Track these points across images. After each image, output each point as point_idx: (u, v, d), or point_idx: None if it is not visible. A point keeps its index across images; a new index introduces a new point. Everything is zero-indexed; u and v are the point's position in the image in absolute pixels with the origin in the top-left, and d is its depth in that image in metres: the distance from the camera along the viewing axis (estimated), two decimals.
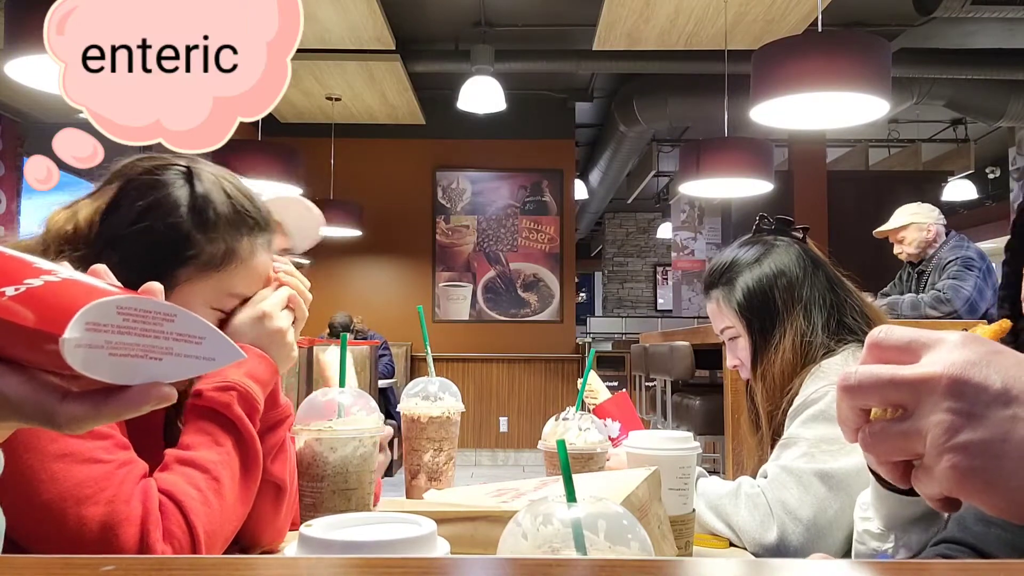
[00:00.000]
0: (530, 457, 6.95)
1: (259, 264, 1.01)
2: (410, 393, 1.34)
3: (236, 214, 0.98)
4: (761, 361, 1.40)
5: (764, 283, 1.41)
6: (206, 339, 0.45)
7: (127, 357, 0.43)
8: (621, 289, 12.82)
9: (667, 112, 6.36)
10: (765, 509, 1.23)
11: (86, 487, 0.80)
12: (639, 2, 4.59)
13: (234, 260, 0.97)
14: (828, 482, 1.23)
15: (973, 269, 3.76)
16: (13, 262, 0.45)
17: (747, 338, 1.42)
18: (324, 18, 4.90)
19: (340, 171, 6.85)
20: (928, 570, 0.52)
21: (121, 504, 0.81)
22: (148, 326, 0.43)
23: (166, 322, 0.44)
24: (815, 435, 1.28)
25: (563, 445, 0.62)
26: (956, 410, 0.46)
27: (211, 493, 0.88)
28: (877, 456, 0.51)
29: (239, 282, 0.99)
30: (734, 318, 1.43)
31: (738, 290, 1.42)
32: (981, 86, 6.16)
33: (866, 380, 0.49)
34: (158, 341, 0.43)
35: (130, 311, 0.42)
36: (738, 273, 1.44)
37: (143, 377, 0.44)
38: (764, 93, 3.09)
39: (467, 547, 0.84)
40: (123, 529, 0.80)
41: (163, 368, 0.44)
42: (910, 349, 0.49)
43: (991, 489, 0.46)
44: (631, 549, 0.55)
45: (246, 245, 0.98)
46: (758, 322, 1.41)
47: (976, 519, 0.81)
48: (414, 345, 7.02)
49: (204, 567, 0.50)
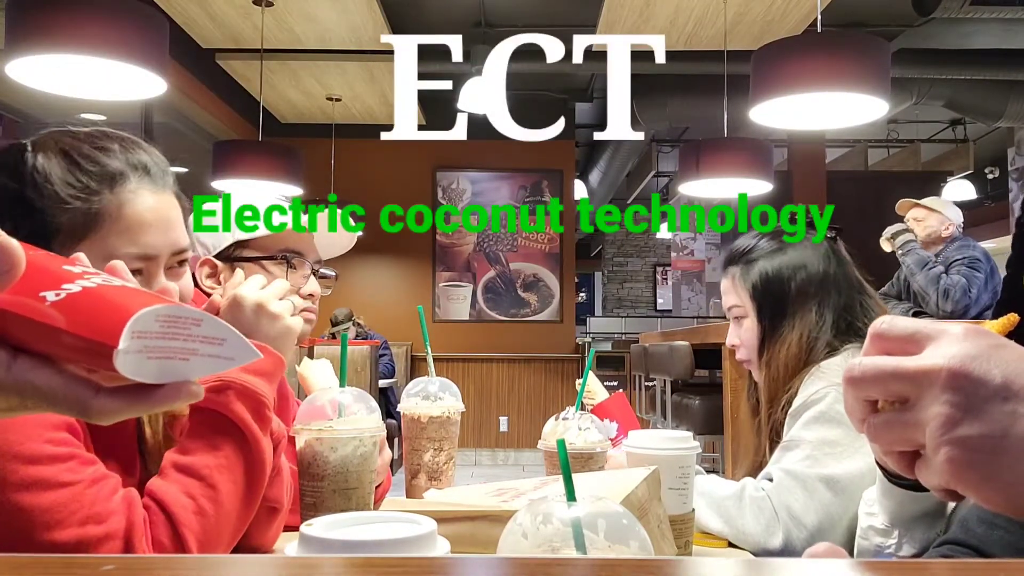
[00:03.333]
0: (530, 457, 6.95)
1: (141, 212, 0.90)
2: (410, 393, 1.35)
3: (82, 176, 0.88)
4: (767, 349, 1.40)
5: (783, 272, 1.41)
6: (227, 340, 0.49)
7: (161, 359, 0.47)
8: (621, 289, 12.82)
9: (667, 112, 6.37)
10: (770, 514, 1.23)
11: (55, 512, 0.78)
12: (639, 2, 4.60)
13: (102, 221, 0.87)
14: (833, 487, 1.23)
15: (980, 271, 3.76)
16: (47, 263, 0.48)
17: (755, 322, 1.42)
18: (324, 18, 4.90)
19: (340, 171, 6.86)
20: (928, 569, 0.52)
21: (94, 525, 0.79)
22: (179, 330, 0.47)
23: (194, 326, 0.48)
24: (817, 437, 1.28)
25: (563, 445, 0.62)
26: (955, 403, 0.46)
27: (206, 501, 0.86)
28: (881, 446, 0.51)
29: (127, 240, 0.89)
30: (746, 298, 1.43)
31: (755, 272, 1.42)
32: (980, 86, 6.16)
33: (869, 372, 0.50)
34: (187, 343, 0.48)
35: (166, 318, 0.46)
36: (760, 256, 1.43)
37: (173, 376, 0.48)
38: (763, 93, 3.09)
39: (467, 547, 0.84)
40: (103, 546, 0.78)
41: (190, 367, 0.48)
42: (913, 340, 0.49)
43: (987, 483, 0.46)
44: (631, 548, 0.55)
45: (110, 201, 0.88)
46: (768, 309, 1.41)
47: (979, 521, 0.81)
48: (414, 345, 7.02)
49: (204, 567, 0.50)
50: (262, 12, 4.75)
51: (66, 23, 2.55)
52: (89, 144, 0.91)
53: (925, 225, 4.01)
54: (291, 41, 5.24)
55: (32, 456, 0.79)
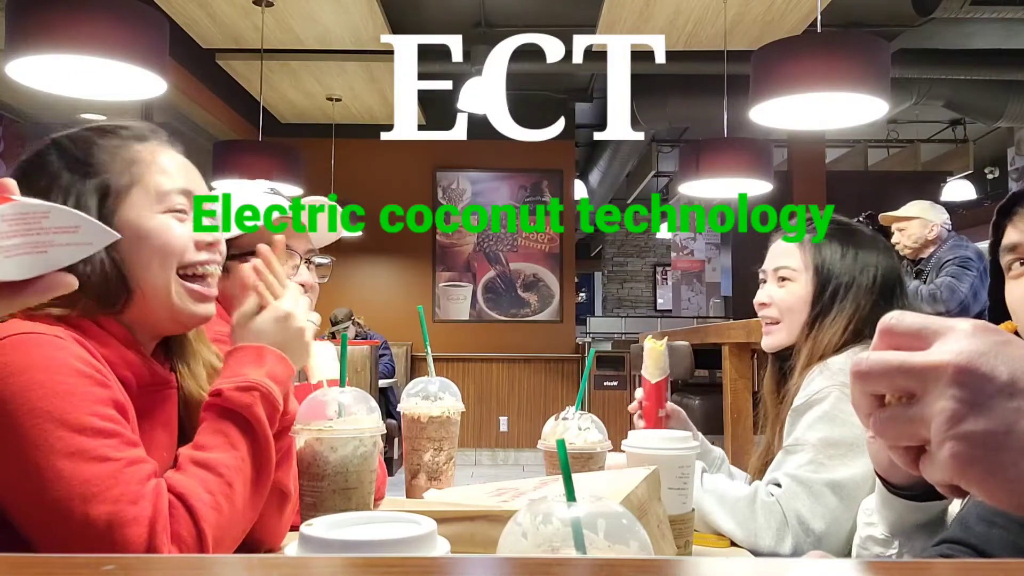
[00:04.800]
0: (530, 457, 6.95)
1: (172, 156, 1.03)
2: (410, 393, 1.35)
3: (114, 138, 1.00)
4: (819, 324, 1.41)
5: (850, 260, 1.44)
6: (81, 227, 0.50)
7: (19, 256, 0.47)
8: (621, 289, 12.82)
9: (667, 112, 6.37)
10: (781, 519, 1.24)
11: (92, 485, 0.80)
12: (639, 2, 4.60)
13: (141, 169, 0.98)
14: (839, 492, 1.24)
15: (971, 270, 3.76)
16: None
17: (809, 288, 1.43)
18: (324, 19, 4.90)
19: (340, 171, 6.85)
20: (928, 570, 0.53)
21: (127, 504, 0.80)
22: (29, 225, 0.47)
23: (44, 219, 0.48)
24: (820, 438, 1.28)
25: (563, 444, 0.62)
26: (960, 398, 0.46)
27: (222, 498, 0.87)
28: (887, 441, 0.51)
29: (165, 179, 0.99)
30: (804, 264, 1.44)
31: (833, 247, 1.44)
32: (980, 86, 6.16)
33: (876, 366, 0.50)
34: (41, 236, 0.48)
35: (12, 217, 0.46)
36: (842, 235, 1.46)
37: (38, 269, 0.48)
38: (763, 93, 3.09)
39: (467, 546, 0.84)
40: (130, 529, 0.80)
41: (50, 258, 0.49)
42: (921, 336, 0.49)
43: (990, 479, 0.46)
44: (630, 548, 0.55)
45: (143, 151, 1.00)
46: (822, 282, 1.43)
47: (978, 519, 0.81)
48: (414, 345, 7.02)
49: (204, 566, 0.50)
50: (262, 12, 4.75)
51: (66, 23, 2.55)
52: (109, 120, 1.04)
53: (908, 233, 4.02)
54: (291, 41, 5.24)
55: (79, 426, 0.82)
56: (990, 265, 0.94)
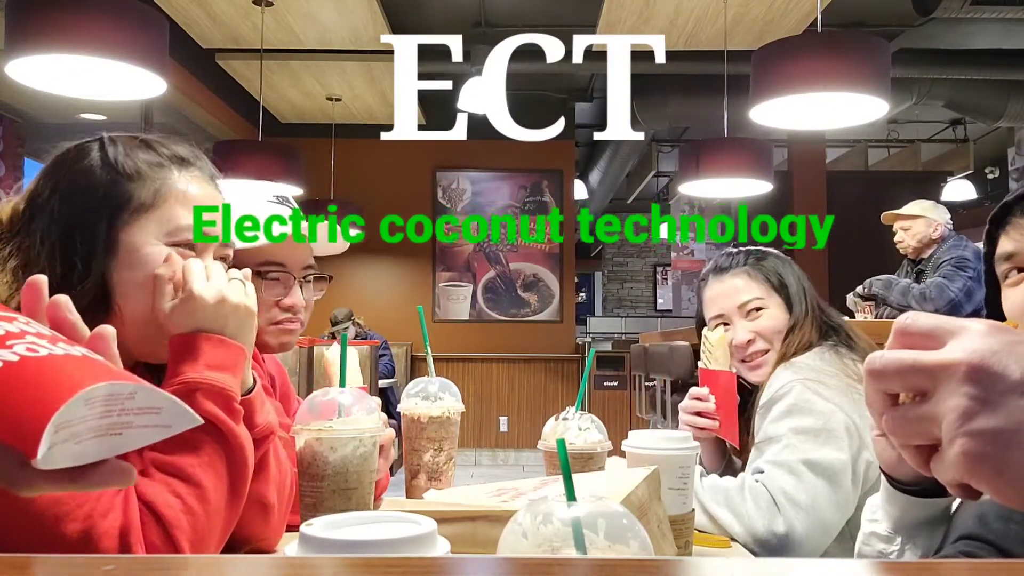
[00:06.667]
0: (530, 457, 6.95)
1: (199, 195, 1.02)
2: (410, 393, 1.35)
3: (155, 155, 1.00)
4: (796, 331, 1.49)
5: (786, 267, 1.56)
6: (164, 408, 0.45)
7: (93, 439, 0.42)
8: (621, 289, 12.83)
9: (667, 112, 6.36)
10: (768, 499, 1.29)
11: (63, 504, 0.78)
12: (639, 2, 4.60)
13: (167, 195, 0.98)
14: (815, 469, 1.31)
15: (966, 270, 3.76)
16: None
17: (780, 309, 1.51)
18: (324, 19, 4.90)
19: (340, 171, 6.85)
20: (935, 570, 0.53)
21: (99, 518, 0.79)
22: (111, 407, 0.43)
23: (128, 400, 0.43)
24: (789, 428, 1.35)
25: (563, 444, 0.62)
26: (972, 396, 0.47)
27: (193, 499, 0.85)
28: (898, 439, 0.52)
29: (185, 215, 0.98)
30: (765, 289, 1.52)
31: (768, 267, 1.54)
32: (980, 86, 6.16)
33: (891, 364, 0.50)
34: (120, 418, 0.43)
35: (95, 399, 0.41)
36: (766, 256, 1.57)
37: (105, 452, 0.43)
38: (764, 93, 3.09)
39: (467, 547, 0.84)
40: (103, 543, 0.78)
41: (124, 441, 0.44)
42: (934, 336, 0.50)
43: (1001, 477, 0.46)
44: (631, 548, 0.55)
45: (178, 179, 1.00)
46: (787, 296, 1.52)
47: (997, 516, 0.81)
48: (414, 345, 7.02)
49: (205, 566, 0.50)
50: (262, 12, 4.75)
51: (66, 23, 2.55)
52: (159, 137, 1.05)
53: (913, 232, 4.02)
54: (291, 41, 5.24)
55: None
56: (985, 275, 0.94)
